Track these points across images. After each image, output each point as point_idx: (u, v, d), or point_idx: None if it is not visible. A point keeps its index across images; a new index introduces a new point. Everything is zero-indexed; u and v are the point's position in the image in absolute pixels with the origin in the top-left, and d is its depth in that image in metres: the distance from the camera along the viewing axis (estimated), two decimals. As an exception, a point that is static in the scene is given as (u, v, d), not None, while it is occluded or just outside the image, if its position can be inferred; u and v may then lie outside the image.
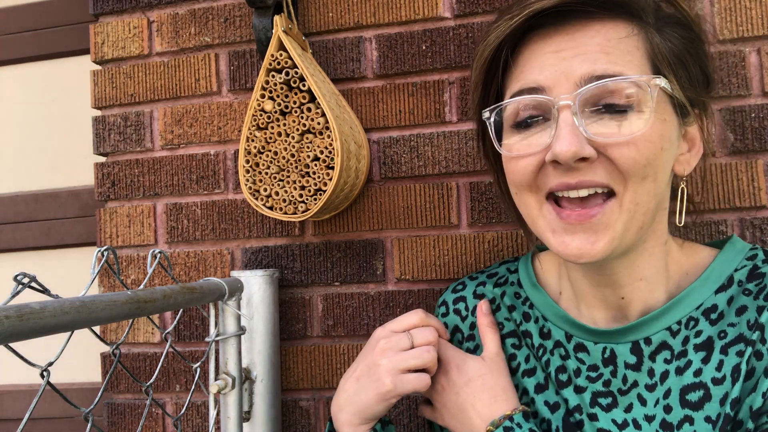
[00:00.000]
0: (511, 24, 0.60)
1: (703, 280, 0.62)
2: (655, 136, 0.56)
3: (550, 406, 0.67)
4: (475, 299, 0.77)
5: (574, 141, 0.55)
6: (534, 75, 0.59)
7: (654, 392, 0.61)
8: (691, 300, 0.62)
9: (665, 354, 0.61)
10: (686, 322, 0.61)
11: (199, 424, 1.02)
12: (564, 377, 0.67)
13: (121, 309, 0.55)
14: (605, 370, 0.64)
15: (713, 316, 0.60)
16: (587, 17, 0.59)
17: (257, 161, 0.88)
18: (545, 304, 0.71)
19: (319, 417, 0.99)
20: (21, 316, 0.43)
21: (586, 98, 0.56)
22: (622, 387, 0.63)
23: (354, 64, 1.00)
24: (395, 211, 0.98)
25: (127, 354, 1.06)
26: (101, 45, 1.09)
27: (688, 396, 0.59)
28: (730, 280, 0.62)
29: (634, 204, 0.57)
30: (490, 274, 0.80)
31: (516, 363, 0.71)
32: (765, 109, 0.87)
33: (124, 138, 1.08)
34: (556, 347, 0.68)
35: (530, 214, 0.63)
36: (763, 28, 0.88)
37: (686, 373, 0.60)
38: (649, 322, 0.62)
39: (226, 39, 1.05)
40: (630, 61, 0.57)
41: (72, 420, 1.32)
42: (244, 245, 1.03)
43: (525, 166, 0.60)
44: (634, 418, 0.61)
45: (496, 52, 0.62)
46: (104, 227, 1.08)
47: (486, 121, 0.65)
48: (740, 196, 0.88)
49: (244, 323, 0.91)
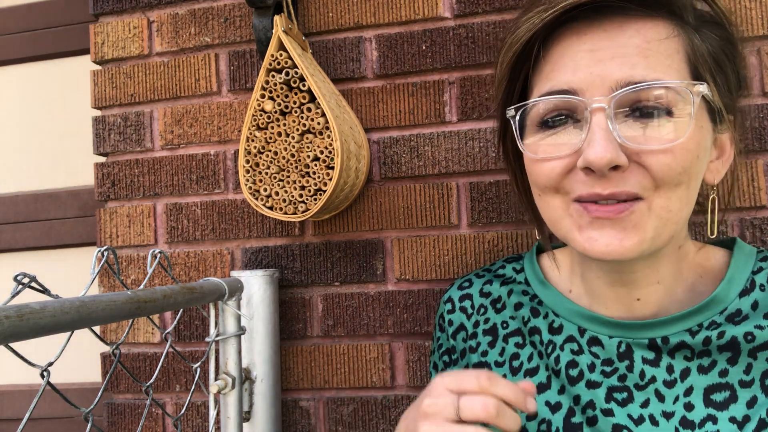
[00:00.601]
0: (545, 17, 0.56)
1: (726, 284, 0.61)
2: (692, 144, 0.54)
3: (551, 407, 0.66)
4: (482, 297, 0.76)
5: (609, 147, 0.52)
6: (567, 76, 0.56)
7: (673, 389, 0.60)
8: (716, 305, 0.61)
9: (685, 352, 0.61)
10: (708, 324, 0.60)
11: (199, 424, 1.02)
12: (575, 372, 0.65)
13: (121, 309, 0.55)
14: (621, 364, 0.63)
15: (737, 319, 0.60)
16: (625, 14, 0.56)
17: (257, 161, 0.88)
18: (556, 300, 0.69)
19: (319, 417, 0.99)
20: (21, 316, 0.43)
21: (621, 101, 0.53)
22: (639, 382, 0.62)
23: (354, 64, 1.00)
24: (395, 211, 0.98)
25: (127, 354, 1.06)
26: (101, 45, 1.09)
27: (713, 396, 0.58)
28: (752, 284, 0.61)
29: (666, 211, 0.55)
30: (497, 274, 0.78)
31: (519, 362, 0.70)
32: (765, 109, 0.87)
33: (124, 138, 1.08)
34: (567, 342, 0.67)
35: (554, 216, 0.60)
36: (763, 28, 0.88)
37: (711, 373, 0.59)
38: (669, 322, 0.61)
39: (226, 39, 1.05)
40: (670, 66, 0.54)
41: (72, 420, 1.32)
42: (244, 245, 1.03)
43: (552, 168, 0.57)
44: (651, 414, 0.60)
45: (526, 45, 0.59)
46: (104, 227, 1.08)
47: (510, 119, 0.62)
48: (740, 196, 0.88)
49: (244, 323, 0.91)
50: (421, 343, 0.96)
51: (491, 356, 0.73)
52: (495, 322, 0.74)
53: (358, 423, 0.97)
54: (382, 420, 0.96)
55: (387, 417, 0.96)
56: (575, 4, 0.54)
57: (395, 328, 0.97)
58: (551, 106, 0.57)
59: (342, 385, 0.98)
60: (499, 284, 0.76)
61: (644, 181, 0.54)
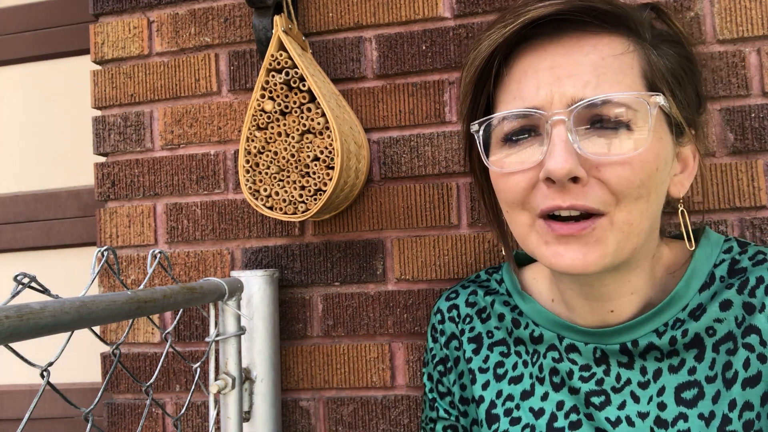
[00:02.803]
0: (505, 32, 0.58)
1: (686, 281, 0.62)
2: (651, 155, 0.55)
3: (534, 413, 0.67)
4: (467, 307, 0.77)
5: (569, 158, 0.53)
6: (530, 93, 0.57)
7: (647, 390, 0.62)
8: (676, 303, 0.62)
9: (655, 353, 0.62)
10: (672, 323, 0.61)
11: (199, 424, 1.02)
12: (557, 379, 0.67)
13: (121, 309, 0.55)
14: (598, 369, 0.64)
15: (697, 314, 0.61)
16: (583, 29, 0.57)
17: (257, 161, 0.88)
18: (533, 310, 0.71)
19: (319, 417, 0.99)
20: (21, 316, 0.43)
21: (580, 116, 0.55)
22: (616, 385, 0.63)
23: (354, 64, 1.00)
24: (395, 211, 0.98)
25: (127, 354, 1.06)
26: (101, 45, 1.09)
27: (683, 394, 0.60)
28: (712, 277, 0.62)
29: (627, 225, 0.55)
30: (481, 284, 0.79)
31: (503, 370, 0.71)
32: (765, 109, 0.87)
33: (124, 138, 1.08)
34: (549, 350, 0.68)
35: (522, 232, 0.61)
36: (763, 28, 0.88)
37: (681, 372, 0.60)
38: (635, 326, 0.62)
39: (226, 39, 1.05)
40: (622, 81, 0.55)
41: (72, 420, 1.32)
42: (244, 245, 1.03)
43: (517, 183, 0.58)
44: (628, 415, 0.62)
45: (487, 61, 0.60)
46: (104, 227, 1.08)
47: (474, 134, 0.63)
48: (740, 196, 0.88)
49: (244, 323, 0.91)
50: (421, 343, 0.96)
51: (475, 363, 0.74)
52: (480, 331, 0.75)
53: (358, 423, 0.97)
54: (382, 420, 0.96)
55: (387, 417, 0.96)
56: (534, 20, 0.56)
57: (395, 328, 0.97)
58: (515, 123, 0.58)
59: (342, 385, 0.98)
60: (483, 294, 0.77)
61: (604, 196, 0.54)
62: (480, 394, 0.71)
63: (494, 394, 0.71)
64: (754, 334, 0.57)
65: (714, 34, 0.89)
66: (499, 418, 0.69)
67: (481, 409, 0.71)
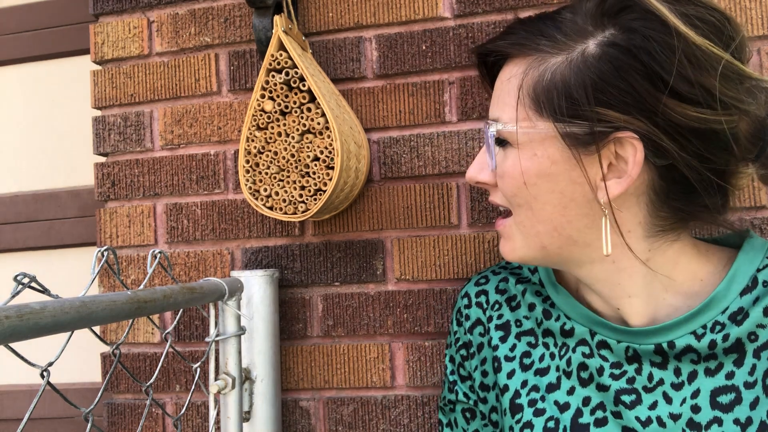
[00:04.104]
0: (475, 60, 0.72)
1: (727, 283, 0.61)
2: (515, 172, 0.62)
3: (559, 406, 0.67)
4: (497, 294, 0.77)
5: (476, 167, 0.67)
6: None
7: (680, 391, 0.61)
8: (716, 305, 0.60)
9: (691, 356, 0.61)
10: (712, 326, 0.60)
11: (199, 424, 1.02)
12: (585, 375, 0.66)
13: (121, 309, 0.55)
14: (629, 367, 0.64)
15: (739, 318, 0.59)
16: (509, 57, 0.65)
17: (257, 161, 0.88)
18: (566, 303, 0.70)
19: (319, 417, 0.99)
20: (21, 316, 0.43)
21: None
22: (648, 384, 0.62)
23: (354, 64, 1.00)
24: (395, 211, 0.98)
25: (127, 354, 1.06)
26: (101, 45, 1.10)
27: (719, 398, 0.59)
28: (755, 281, 0.60)
29: (522, 226, 0.64)
30: (513, 271, 0.79)
31: (530, 361, 0.71)
32: (765, 109, 0.87)
33: (124, 138, 1.08)
34: (579, 345, 0.68)
35: None
36: (763, 28, 0.88)
37: (718, 375, 0.59)
38: (673, 326, 0.61)
39: (226, 39, 1.05)
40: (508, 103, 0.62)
41: (72, 420, 1.32)
42: (244, 245, 1.03)
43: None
44: (659, 416, 0.61)
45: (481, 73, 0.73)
46: (104, 227, 1.08)
47: None
48: (740, 196, 0.88)
49: (244, 323, 0.91)
50: (421, 343, 0.96)
51: (501, 351, 0.74)
52: (508, 319, 0.75)
53: (358, 423, 0.97)
54: (382, 420, 0.96)
55: (387, 417, 0.96)
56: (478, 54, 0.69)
57: (395, 328, 0.97)
58: None
59: (342, 385, 0.98)
60: (515, 282, 0.77)
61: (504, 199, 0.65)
62: (505, 382, 0.72)
63: (519, 384, 0.70)
64: None
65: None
66: (523, 408, 0.69)
67: (505, 398, 0.71)
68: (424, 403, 0.96)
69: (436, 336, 0.96)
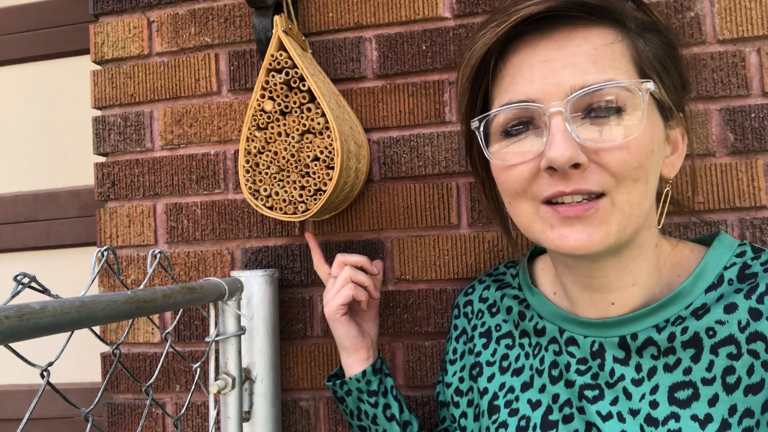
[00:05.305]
0: (498, 32, 0.60)
1: (693, 280, 0.62)
2: (645, 139, 0.57)
3: (532, 404, 0.69)
4: (480, 303, 0.81)
5: (569, 146, 0.55)
6: (524, 87, 0.59)
7: (640, 387, 0.62)
8: (680, 300, 0.62)
9: (651, 350, 0.62)
10: (674, 320, 0.61)
11: (199, 424, 1.02)
12: (556, 372, 0.68)
13: (121, 309, 0.55)
14: (593, 363, 0.65)
15: (700, 313, 0.60)
16: (573, 23, 0.59)
17: (257, 161, 0.88)
18: (539, 303, 0.72)
19: (319, 417, 0.99)
20: (21, 316, 0.43)
21: (576, 105, 0.57)
22: (609, 380, 0.64)
23: (354, 64, 1.00)
24: (395, 211, 0.98)
25: (127, 354, 1.06)
26: (101, 45, 1.09)
27: (677, 394, 0.60)
28: (720, 279, 0.62)
29: (628, 205, 0.57)
30: (497, 278, 0.82)
31: (507, 363, 0.74)
32: (765, 109, 0.87)
33: (124, 138, 1.08)
34: (550, 343, 0.70)
35: (526, 221, 0.63)
36: (763, 28, 0.88)
37: (676, 371, 0.60)
38: (637, 318, 0.63)
39: (226, 39, 1.04)
40: (617, 68, 0.57)
41: (72, 420, 1.32)
42: (244, 245, 1.03)
43: (519, 173, 0.60)
44: (619, 411, 0.62)
45: (483, 59, 0.63)
46: (104, 227, 1.08)
47: (475, 130, 0.65)
48: (740, 196, 0.88)
49: (244, 323, 0.91)
50: (421, 343, 0.96)
51: (483, 357, 0.76)
52: (490, 326, 0.78)
53: (358, 423, 0.97)
54: (382, 420, 0.96)
55: (387, 417, 0.96)
56: (525, 18, 0.58)
57: (395, 328, 0.97)
58: (511, 116, 0.61)
59: (342, 385, 0.98)
60: (495, 289, 0.80)
61: (604, 179, 0.57)
62: (485, 386, 0.74)
63: (497, 386, 0.73)
64: (760, 341, 0.57)
65: (714, 34, 0.89)
66: (500, 409, 0.71)
67: (484, 400, 0.73)
68: (424, 403, 0.96)
69: (436, 336, 0.96)
